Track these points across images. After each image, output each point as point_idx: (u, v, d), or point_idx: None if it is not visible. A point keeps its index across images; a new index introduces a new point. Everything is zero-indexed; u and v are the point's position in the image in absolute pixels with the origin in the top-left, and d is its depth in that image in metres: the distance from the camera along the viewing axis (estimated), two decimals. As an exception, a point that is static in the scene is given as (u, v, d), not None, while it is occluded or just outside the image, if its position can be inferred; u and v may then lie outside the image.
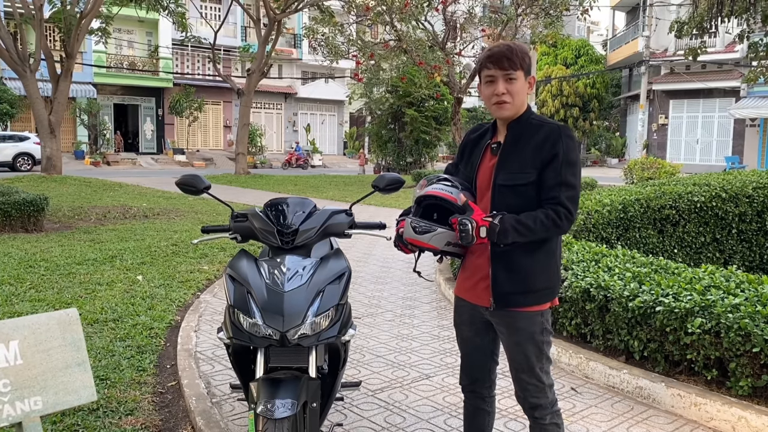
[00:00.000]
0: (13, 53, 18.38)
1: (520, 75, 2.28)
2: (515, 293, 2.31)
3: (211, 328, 5.02)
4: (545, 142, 2.25)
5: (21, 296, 5.69)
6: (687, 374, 3.79)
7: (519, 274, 2.30)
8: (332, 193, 17.57)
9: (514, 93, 2.28)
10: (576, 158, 2.27)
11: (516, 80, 2.28)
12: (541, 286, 2.34)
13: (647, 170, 16.92)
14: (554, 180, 2.24)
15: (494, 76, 2.28)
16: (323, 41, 21.15)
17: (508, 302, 2.32)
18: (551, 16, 19.51)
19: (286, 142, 40.59)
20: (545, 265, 2.34)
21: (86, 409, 3.48)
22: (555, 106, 36.29)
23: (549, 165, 2.24)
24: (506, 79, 2.27)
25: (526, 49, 2.33)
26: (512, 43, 2.34)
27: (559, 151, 2.23)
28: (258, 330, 2.39)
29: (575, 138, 2.30)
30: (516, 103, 2.30)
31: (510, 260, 2.30)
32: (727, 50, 28.39)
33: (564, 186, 2.24)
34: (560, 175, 2.23)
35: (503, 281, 2.31)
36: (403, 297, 6.27)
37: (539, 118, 2.36)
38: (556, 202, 2.23)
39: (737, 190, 7.76)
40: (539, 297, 2.34)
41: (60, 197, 14.13)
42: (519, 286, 2.31)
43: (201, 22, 30.52)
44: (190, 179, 2.86)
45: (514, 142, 2.33)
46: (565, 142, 2.25)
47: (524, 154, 2.28)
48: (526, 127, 2.33)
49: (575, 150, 2.27)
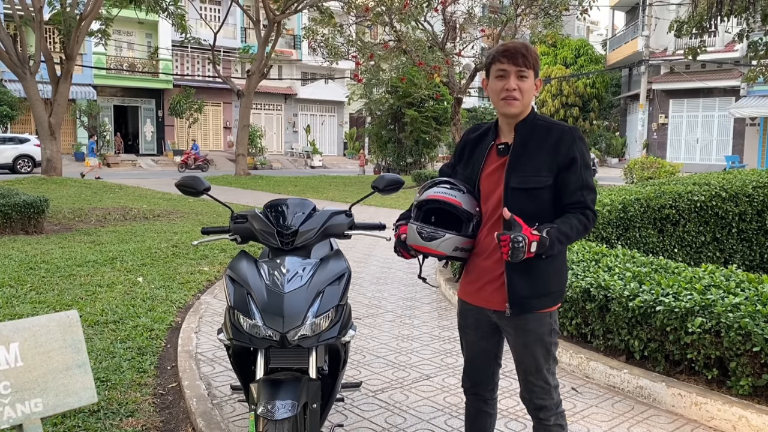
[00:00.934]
0: (13, 55, 18.40)
1: (531, 75, 2.30)
2: (532, 297, 2.29)
3: (212, 330, 5.03)
4: (560, 145, 2.26)
5: (21, 298, 5.69)
6: (687, 374, 3.79)
7: (536, 278, 2.29)
8: (332, 194, 17.57)
9: (524, 91, 2.29)
10: (589, 160, 2.32)
11: (527, 78, 2.29)
12: (556, 288, 2.34)
13: (647, 170, 16.92)
14: (576, 184, 2.26)
15: (507, 70, 2.28)
16: (323, 42, 21.15)
17: (525, 306, 2.30)
18: (551, 16, 19.51)
19: (286, 143, 40.62)
20: (558, 267, 2.35)
21: (87, 411, 3.48)
22: (555, 105, 36.32)
23: (568, 169, 2.26)
24: (518, 76, 2.28)
25: (536, 52, 2.35)
26: (528, 42, 2.36)
27: (577, 154, 2.26)
28: (258, 331, 2.39)
29: (585, 139, 2.33)
30: (524, 102, 2.31)
31: (526, 264, 2.23)
32: (727, 49, 28.38)
33: (586, 189, 2.27)
34: (581, 178, 2.26)
35: (521, 286, 2.28)
36: (403, 297, 6.27)
37: (545, 119, 2.36)
38: (584, 206, 2.26)
39: (737, 189, 7.75)
40: (554, 299, 2.35)
41: (60, 199, 14.13)
42: (536, 290, 2.29)
43: (201, 24, 30.57)
44: (190, 181, 2.86)
45: (524, 144, 2.32)
46: (580, 144, 2.28)
47: (538, 157, 2.28)
48: (534, 128, 2.33)
49: (589, 152, 2.32)
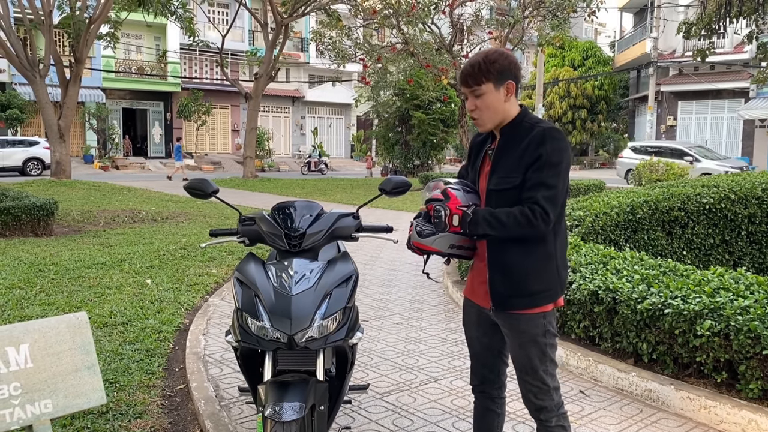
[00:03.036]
0: (23, 59, 18.54)
1: (489, 87, 2.30)
2: (511, 296, 2.35)
3: (220, 332, 5.04)
4: (530, 145, 2.27)
5: (31, 300, 5.73)
6: (696, 377, 3.77)
7: (513, 277, 2.33)
8: (340, 197, 17.58)
9: (483, 107, 2.34)
10: (559, 160, 2.24)
11: (484, 94, 2.31)
12: (537, 288, 2.34)
13: (655, 172, 16.85)
14: (534, 180, 2.25)
15: (465, 93, 2.38)
16: (330, 45, 21.19)
17: (505, 305, 2.37)
18: (558, 18, 19.44)
19: (293, 146, 40.70)
20: (541, 268, 2.34)
21: (96, 413, 3.50)
22: (563, 107, 36.23)
23: (531, 166, 2.26)
24: (474, 96, 2.34)
25: (497, 56, 2.29)
26: (481, 54, 2.34)
27: (543, 153, 2.24)
28: (266, 333, 2.40)
29: (563, 140, 2.27)
30: (489, 116, 2.35)
31: (505, 263, 2.34)
32: (736, 51, 28.22)
33: (543, 186, 2.24)
34: (540, 176, 2.24)
35: (499, 284, 2.36)
36: (410, 300, 6.27)
37: (532, 119, 2.35)
38: (533, 201, 2.24)
39: (746, 191, 7.70)
40: (536, 300, 2.35)
41: (69, 201, 14.21)
42: (513, 289, 2.34)
43: (209, 27, 30.69)
44: (198, 183, 2.87)
45: (505, 147, 2.36)
46: (550, 144, 2.24)
47: (512, 159, 2.31)
48: (518, 131, 2.34)
49: (560, 152, 2.25)
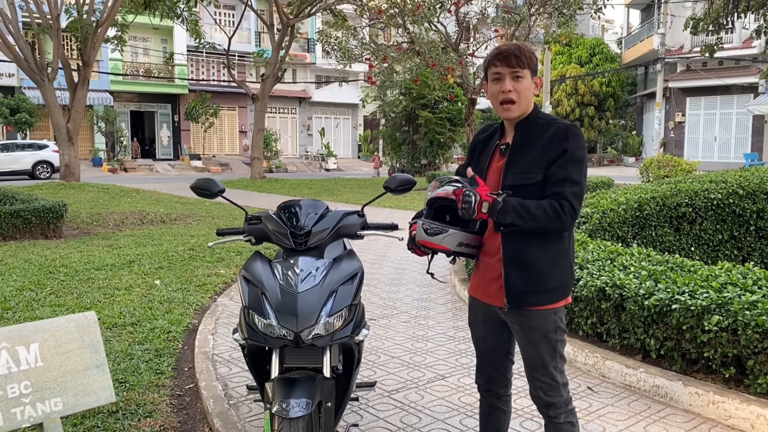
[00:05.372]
0: (31, 63, 18.66)
1: (527, 74, 2.31)
2: (528, 293, 2.33)
3: (228, 331, 5.07)
4: (553, 141, 2.27)
5: (41, 301, 5.78)
6: (704, 372, 3.76)
7: (531, 274, 2.32)
8: (347, 196, 17.60)
9: (520, 91, 2.31)
10: (582, 156, 2.28)
11: (523, 78, 2.30)
12: (554, 285, 2.35)
13: (663, 168, 16.77)
14: (559, 176, 2.25)
15: (501, 73, 2.31)
16: (336, 45, 21.22)
17: (521, 302, 2.34)
18: (564, 15, 19.38)
19: (300, 146, 40.77)
20: (557, 264, 2.35)
21: (106, 412, 3.53)
22: (570, 105, 36.08)
23: (555, 162, 2.26)
24: (513, 77, 2.30)
25: (533, 51, 2.36)
26: (520, 43, 2.37)
27: (567, 148, 2.25)
28: (272, 330, 2.42)
29: (583, 136, 2.32)
30: (522, 103, 2.33)
31: (522, 260, 2.31)
32: (744, 46, 28.03)
33: (569, 182, 2.25)
34: (566, 171, 2.25)
35: (516, 281, 2.33)
36: (418, 298, 6.28)
37: (547, 117, 2.37)
38: (561, 196, 2.24)
39: (755, 186, 7.66)
40: (552, 296, 2.35)
41: (78, 204, 14.30)
42: (532, 286, 2.32)
43: (215, 29, 30.77)
44: (205, 183, 2.90)
45: (522, 143, 2.35)
46: (573, 140, 2.27)
47: (532, 154, 2.31)
48: (534, 126, 2.35)
49: (582, 148, 2.29)
